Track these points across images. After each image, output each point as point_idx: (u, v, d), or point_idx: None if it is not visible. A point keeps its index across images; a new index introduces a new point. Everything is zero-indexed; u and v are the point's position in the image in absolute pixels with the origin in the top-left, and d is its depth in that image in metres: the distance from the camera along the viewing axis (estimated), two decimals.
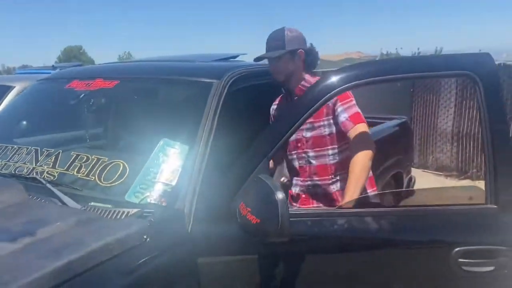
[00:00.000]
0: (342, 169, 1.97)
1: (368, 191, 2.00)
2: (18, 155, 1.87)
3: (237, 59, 2.75)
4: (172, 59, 2.67)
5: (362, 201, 1.83)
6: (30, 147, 1.88)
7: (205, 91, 1.85)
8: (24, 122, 2.29)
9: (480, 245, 1.52)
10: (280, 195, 1.29)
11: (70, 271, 1.17)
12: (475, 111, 5.72)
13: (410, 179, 3.78)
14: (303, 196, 2.09)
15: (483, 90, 1.53)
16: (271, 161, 1.85)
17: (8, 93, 4.07)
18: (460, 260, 1.50)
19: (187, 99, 1.98)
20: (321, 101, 1.53)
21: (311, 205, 2.07)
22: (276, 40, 1.97)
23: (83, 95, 2.09)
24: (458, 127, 6.14)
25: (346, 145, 1.98)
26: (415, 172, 4.46)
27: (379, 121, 3.63)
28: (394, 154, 3.43)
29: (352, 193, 1.76)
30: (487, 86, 1.54)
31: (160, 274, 1.36)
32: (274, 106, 2.21)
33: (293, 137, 1.96)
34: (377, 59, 12.84)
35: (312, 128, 2.00)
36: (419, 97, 6.59)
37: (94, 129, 2.17)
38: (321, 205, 2.04)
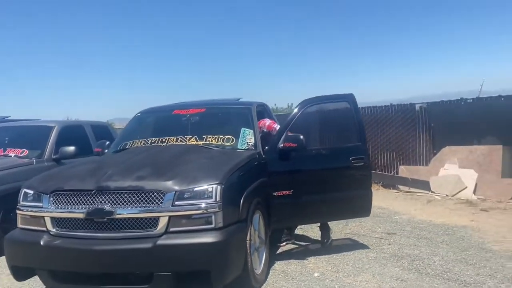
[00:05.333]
0: None
1: None
2: (171, 140, 4.20)
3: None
4: (217, 100, 5.31)
5: None
6: (176, 136, 4.23)
7: (248, 111, 4.54)
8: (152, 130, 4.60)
9: None
10: (301, 136, 4.02)
11: (234, 168, 3.60)
12: None
13: None
14: None
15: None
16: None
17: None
18: None
19: (242, 114, 4.59)
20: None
21: None
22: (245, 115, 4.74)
23: (188, 116, 4.53)
24: None
25: None
26: None
27: None
28: None
29: None
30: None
31: (260, 166, 3.93)
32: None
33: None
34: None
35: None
36: None
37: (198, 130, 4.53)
38: None
